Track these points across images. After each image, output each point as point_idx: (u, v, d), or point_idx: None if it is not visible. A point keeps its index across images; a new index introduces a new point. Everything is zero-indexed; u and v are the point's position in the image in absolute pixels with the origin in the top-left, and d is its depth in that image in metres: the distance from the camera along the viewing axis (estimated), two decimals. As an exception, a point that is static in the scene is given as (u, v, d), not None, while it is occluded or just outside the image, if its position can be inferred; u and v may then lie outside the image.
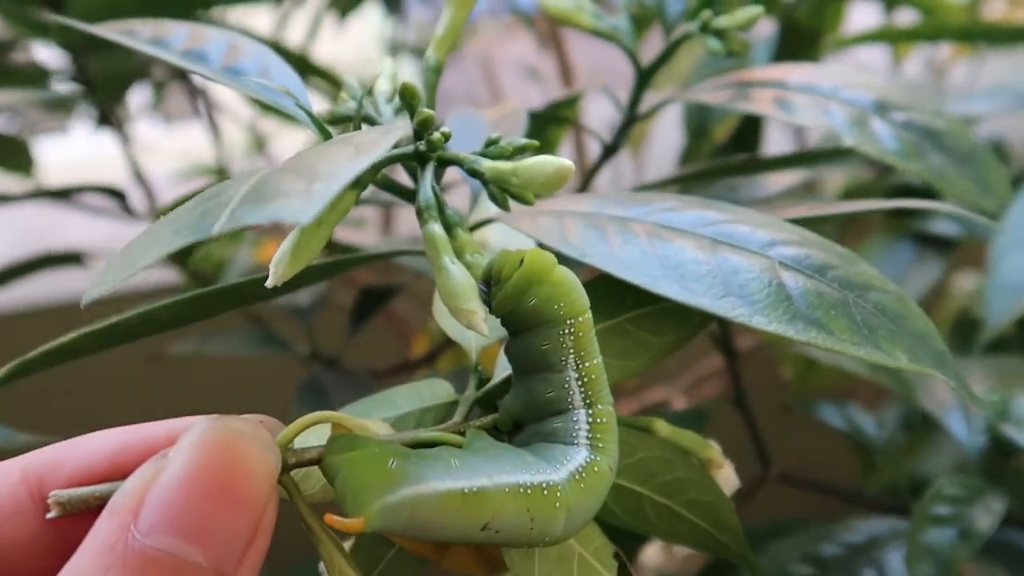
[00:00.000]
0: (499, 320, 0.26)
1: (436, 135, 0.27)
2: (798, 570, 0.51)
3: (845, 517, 0.56)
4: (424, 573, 0.30)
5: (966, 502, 0.49)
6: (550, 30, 0.90)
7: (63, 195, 0.64)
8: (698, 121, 0.71)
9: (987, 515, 0.47)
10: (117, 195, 0.63)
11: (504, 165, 0.27)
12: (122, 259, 0.20)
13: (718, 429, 0.48)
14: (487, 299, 0.25)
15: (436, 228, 0.26)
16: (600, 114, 0.50)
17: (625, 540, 0.29)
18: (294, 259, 0.25)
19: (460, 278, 0.25)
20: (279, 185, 0.19)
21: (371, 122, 0.33)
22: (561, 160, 0.26)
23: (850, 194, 0.76)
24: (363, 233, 0.90)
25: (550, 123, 0.55)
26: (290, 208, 0.18)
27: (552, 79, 0.96)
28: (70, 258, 0.67)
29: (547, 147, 0.57)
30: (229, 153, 0.84)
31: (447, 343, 0.56)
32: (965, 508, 0.48)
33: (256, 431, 0.21)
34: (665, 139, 0.80)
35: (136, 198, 0.67)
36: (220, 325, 0.73)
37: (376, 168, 0.28)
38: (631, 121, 0.47)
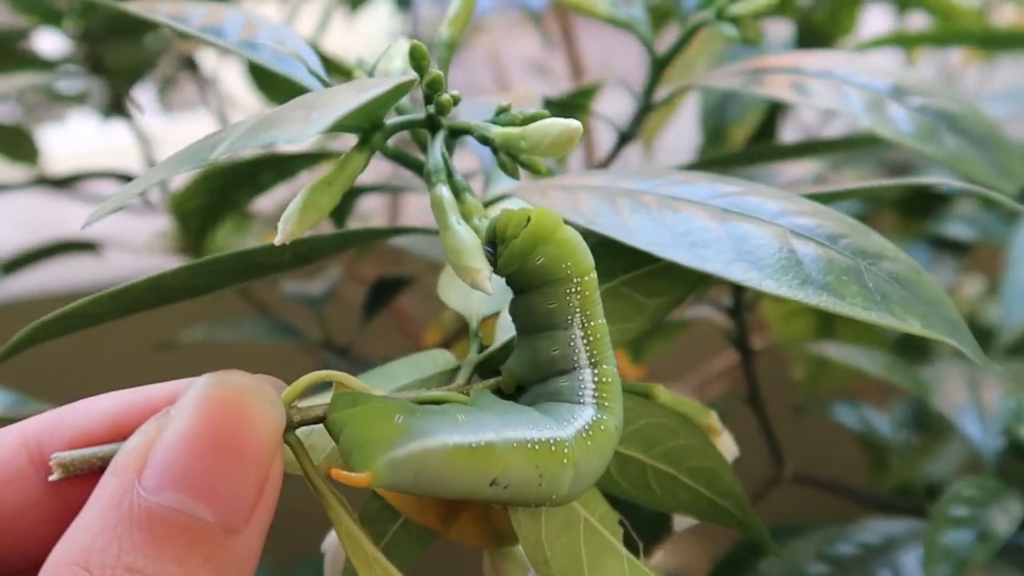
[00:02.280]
0: (504, 280, 0.25)
1: (445, 96, 0.27)
2: (814, 569, 0.51)
3: (858, 517, 0.55)
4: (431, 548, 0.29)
5: (984, 504, 0.48)
6: (560, 27, 0.90)
7: (72, 182, 0.64)
8: (715, 122, 0.71)
9: (1005, 517, 0.47)
10: (128, 181, 0.64)
11: (513, 130, 0.27)
12: (127, 187, 0.20)
13: (730, 428, 0.47)
14: (492, 259, 0.25)
15: (444, 190, 0.26)
16: (612, 110, 0.49)
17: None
18: (303, 217, 0.25)
19: (466, 237, 0.25)
20: (279, 116, 0.19)
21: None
22: (568, 120, 0.26)
23: (862, 195, 0.76)
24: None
25: (567, 112, 0.55)
26: (287, 132, 0.18)
27: (560, 76, 0.96)
28: (84, 246, 0.68)
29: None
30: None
31: (458, 334, 0.56)
32: (983, 510, 0.48)
33: (259, 386, 0.21)
34: (679, 144, 0.80)
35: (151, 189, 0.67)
36: (229, 314, 0.74)
37: (386, 134, 0.28)
38: (646, 110, 0.47)
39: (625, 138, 0.48)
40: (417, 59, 0.26)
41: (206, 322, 0.59)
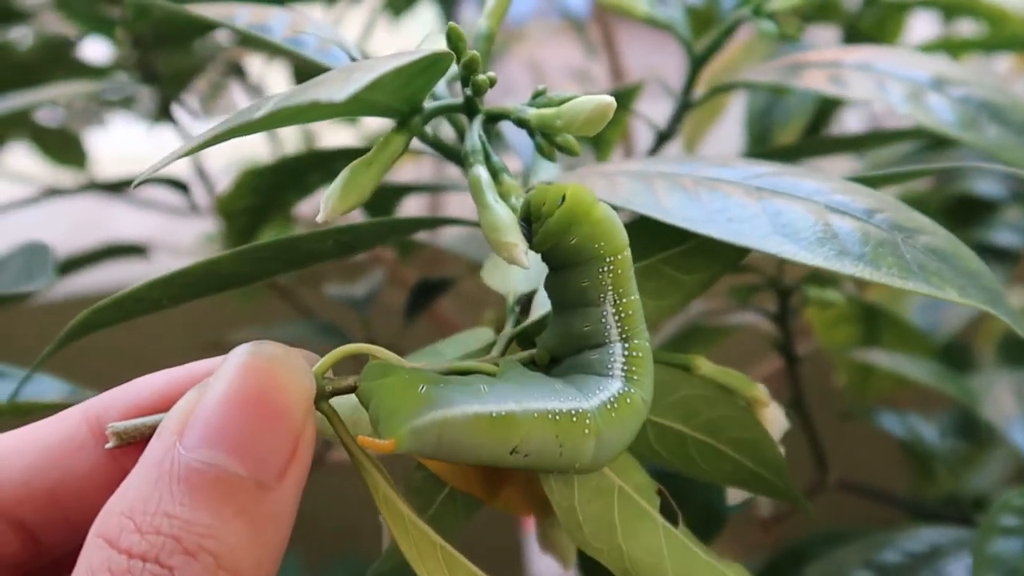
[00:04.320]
0: (539, 256, 0.26)
1: (482, 77, 0.27)
2: (859, 577, 0.50)
3: (903, 526, 0.55)
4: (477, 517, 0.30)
5: (1034, 513, 0.47)
6: (601, 34, 0.90)
7: (123, 187, 0.66)
8: (761, 126, 0.71)
9: (1055, 528, 0.46)
10: (180, 186, 0.65)
11: (548, 110, 0.27)
12: (177, 148, 0.21)
13: None
14: (528, 235, 0.25)
15: (481, 171, 0.27)
16: (654, 114, 0.50)
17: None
18: (344, 195, 0.26)
19: (503, 213, 0.25)
20: (320, 80, 0.20)
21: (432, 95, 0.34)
22: (601, 96, 0.26)
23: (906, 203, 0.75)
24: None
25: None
26: (328, 92, 0.18)
27: (601, 84, 0.96)
28: (133, 249, 0.69)
29: (605, 138, 0.57)
30: (282, 150, 0.86)
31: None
32: (1033, 519, 0.47)
33: (289, 354, 0.23)
34: (724, 149, 0.80)
35: (196, 191, 0.69)
36: (275, 317, 0.75)
37: (424, 117, 0.28)
38: (684, 108, 0.47)
39: (663, 137, 0.48)
40: (455, 40, 0.27)
41: (254, 324, 0.60)
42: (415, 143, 0.34)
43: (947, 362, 0.64)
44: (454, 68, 0.28)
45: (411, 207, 0.97)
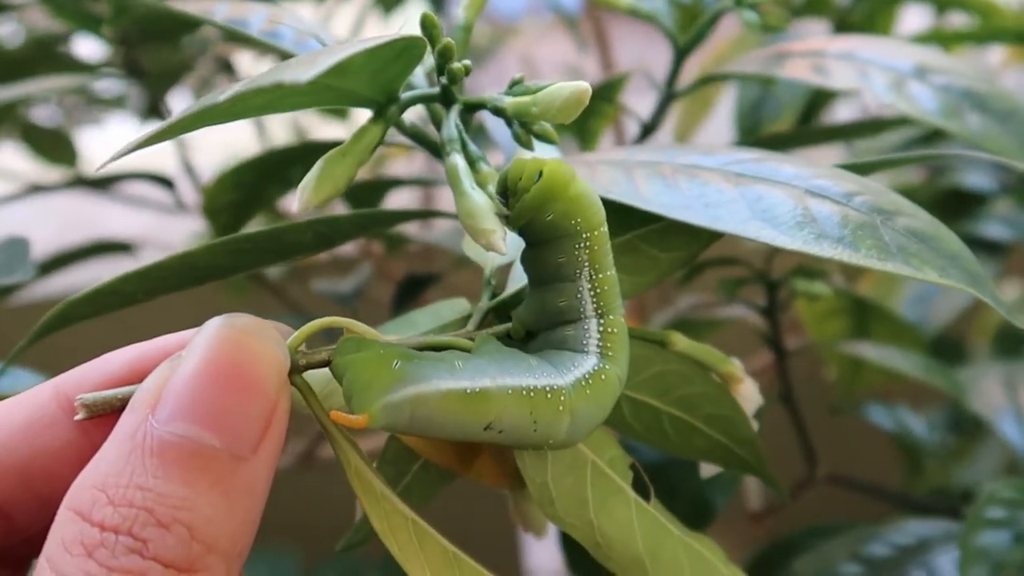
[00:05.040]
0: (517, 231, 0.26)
1: (457, 65, 0.27)
2: (847, 570, 0.50)
3: (892, 519, 0.54)
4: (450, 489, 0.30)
5: (1022, 505, 0.47)
6: (593, 31, 0.90)
7: (109, 183, 0.65)
8: (750, 122, 0.70)
9: (1043, 520, 0.46)
10: (166, 183, 0.65)
11: (524, 98, 0.27)
12: (141, 135, 0.21)
13: (763, 429, 0.47)
14: (505, 210, 0.25)
15: (458, 159, 0.27)
16: (644, 109, 0.50)
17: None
18: (319, 185, 0.26)
19: (479, 200, 0.25)
20: (287, 64, 0.20)
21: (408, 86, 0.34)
22: (576, 83, 0.26)
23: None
24: (403, 226, 0.91)
25: (594, 103, 0.56)
26: (292, 73, 0.18)
27: (593, 79, 0.96)
28: (120, 246, 0.69)
29: (590, 129, 0.57)
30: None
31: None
32: (1021, 511, 0.47)
33: (262, 326, 0.23)
34: (713, 142, 0.80)
35: (184, 189, 0.69)
36: (264, 312, 0.74)
37: (401, 107, 0.28)
38: (669, 99, 0.47)
39: (648, 129, 0.48)
40: (428, 28, 0.27)
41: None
42: (401, 139, 0.34)
43: (939, 357, 0.64)
44: (434, 62, 0.28)
45: (407, 204, 0.97)
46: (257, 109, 0.24)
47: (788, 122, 0.69)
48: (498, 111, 0.28)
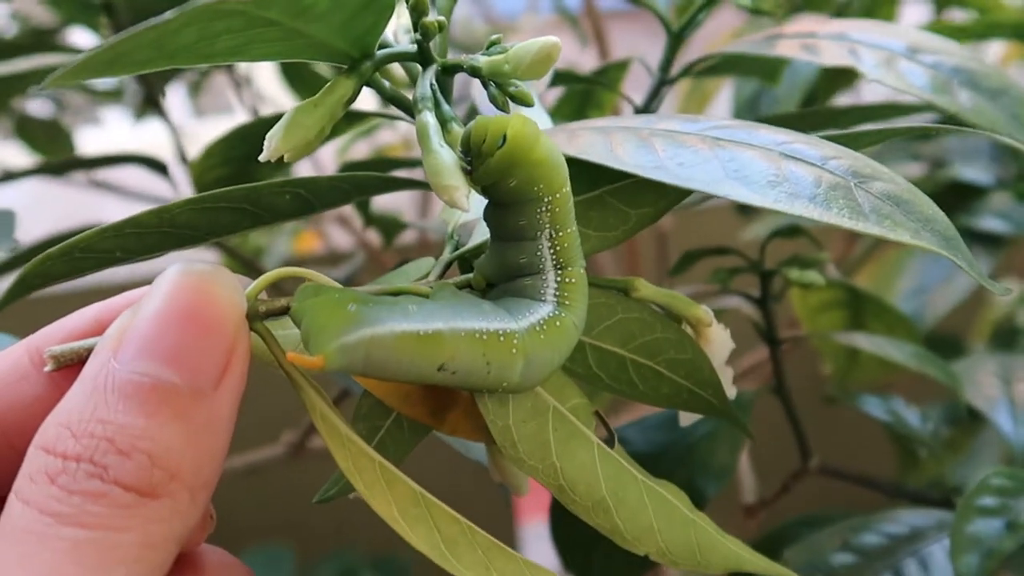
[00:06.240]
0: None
1: (430, 19, 0.27)
2: (839, 559, 0.50)
3: (885, 509, 0.54)
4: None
5: (1013, 494, 0.47)
6: (591, 27, 0.91)
7: (99, 164, 0.65)
8: (748, 117, 0.70)
9: (1035, 508, 0.46)
10: (160, 167, 0.65)
11: (498, 57, 0.27)
12: (86, 52, 0.21)
13: (757, 421, 0.47)
14: (468, 168, 0.26)
15: (429, 117, 0.27)
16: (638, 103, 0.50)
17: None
18: (287, 134, 0.26)
19: (446, 157, 0.26)
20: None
21: (384, 46, 0.34)
22: (546, 38, 0.26)
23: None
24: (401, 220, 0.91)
25: (592, 88, 0.56)
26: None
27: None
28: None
29: (585, 115, 0.57)
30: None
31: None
32: (1012, 500, 0.46)
33: (219, 271, 0.23)
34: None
35: (180, 183, 0.68)
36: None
37: (376, 64, 0.28)
38: (662, 84, 0.47)
39: (640, 112, 0.48)
40: (402, -14, 0.27)
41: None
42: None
43: (935, 351, 0.63)
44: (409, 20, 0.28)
45: (399, 200, 0.97)
46: (225, 53, 0.24)
47: (785, 118, 0.68)
48: (475, 71, 0.28)
